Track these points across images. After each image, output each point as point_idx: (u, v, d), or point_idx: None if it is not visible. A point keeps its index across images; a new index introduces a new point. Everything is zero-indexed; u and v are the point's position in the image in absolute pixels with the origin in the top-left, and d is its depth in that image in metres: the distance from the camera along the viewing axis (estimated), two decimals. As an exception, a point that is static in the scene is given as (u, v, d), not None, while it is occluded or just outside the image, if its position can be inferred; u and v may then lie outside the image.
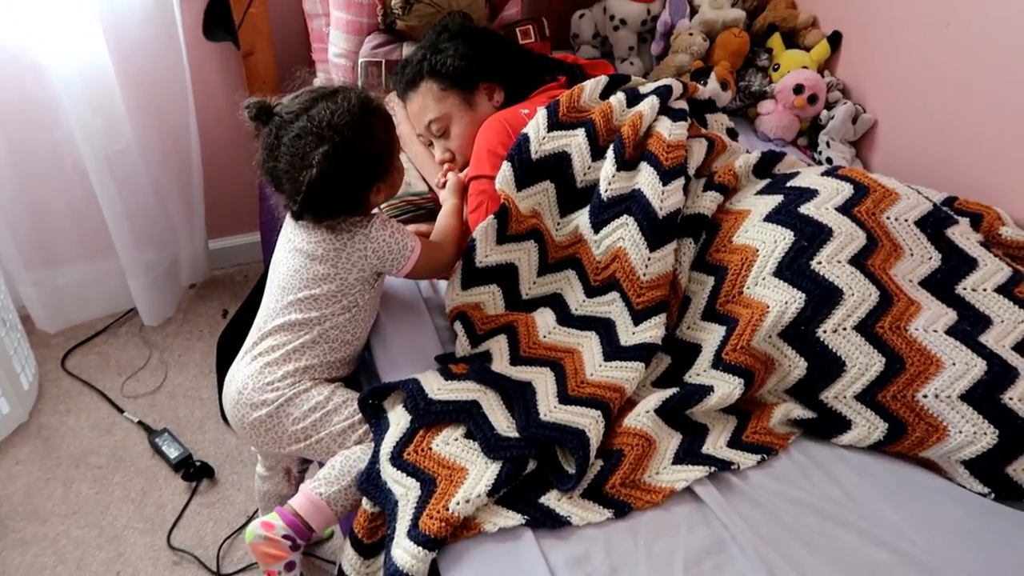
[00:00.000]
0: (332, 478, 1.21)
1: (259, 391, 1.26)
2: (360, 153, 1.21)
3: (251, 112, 1.23)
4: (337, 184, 1.19)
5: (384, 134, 1.26)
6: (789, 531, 1.09)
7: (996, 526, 1.12)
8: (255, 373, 1.27)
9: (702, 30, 2.00)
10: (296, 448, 1.27)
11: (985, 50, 1.56)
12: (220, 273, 2.38)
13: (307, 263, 1.27)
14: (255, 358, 1.28)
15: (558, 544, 1.07)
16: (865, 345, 1.20)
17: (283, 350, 1.27)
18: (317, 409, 1.25)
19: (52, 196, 1.93)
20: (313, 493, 1.20)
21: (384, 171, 1.27)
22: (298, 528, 1.19)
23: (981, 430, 1.15)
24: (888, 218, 1.33)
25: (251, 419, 1.26)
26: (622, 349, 1.29)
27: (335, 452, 1.25)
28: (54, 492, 1.78)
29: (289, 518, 1.19)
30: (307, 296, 1.27)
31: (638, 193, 1.34)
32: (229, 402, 1.31)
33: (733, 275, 1.29)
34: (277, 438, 1.27)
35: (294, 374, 1.26)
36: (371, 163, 1.24)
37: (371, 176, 1.25)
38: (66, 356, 2.08)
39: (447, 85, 1.56)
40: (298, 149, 1.18)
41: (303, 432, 1.25)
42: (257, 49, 1.90)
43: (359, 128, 1.20)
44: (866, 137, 1.90)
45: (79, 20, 1.71)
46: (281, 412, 1.25)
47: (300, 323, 1.27)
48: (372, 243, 1.26)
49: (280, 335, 1.28)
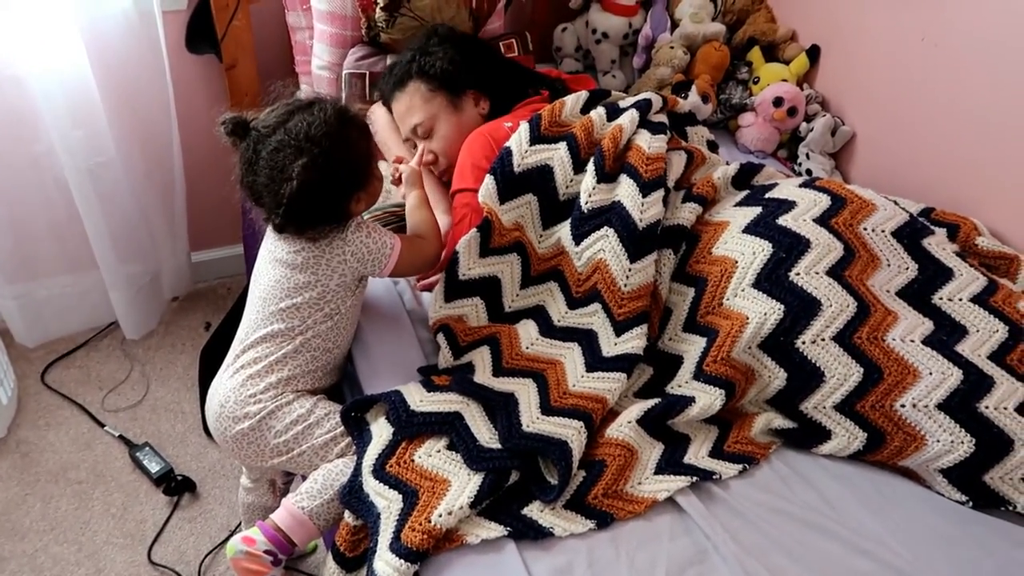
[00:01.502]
0: (314, 492, 1.20)
1: (241, 404, 1.25)
2: (339, 163, 1.21)
3: (227, 128, 1.23)
4: (317, 195, 1.20)
5: (362, 143, 1.27)
6: (771, 540, 1.10)
7: (974, 533, 1.13)
8: (237, 386, 1.27)
9: (683, 44, 2.02)
10: (278, 461, 1.27)
11: (960, 62, 1.59)
12: (203, 286, 2.37)
13: (288, 273, 1.27)
14: (237, 371, 1.28)
15: (541, 555, 1.07)
16: (844, 356, 1.22)
17: (265, 362, 1.27)
18: (299, 422, 1.25)
19: (33, 209, 1.92)
20: (295, 507, 1.20)
21: (363, 180, 1.27)
22: (280, 543, 1.18)
23: (958, 439, 1.16)
24: (865, 229, 1.35)
25: (233, 432, 1.26)
26: (604, 360, 1.30)
27: (317, 465, 1.24)
28: (32, 508, 1.75)
29: (271, 533, 1.18)
30: (288, 306, 1.26)
31: (618, 205, 1.35)
32: (212, 415, 1.30)
33: (713, 287, 1.30)
34: (259, 451, 1.26)
35: (276, 386, 1.26)
36: (350, 173, 1.24)
37: (351, 185, 1.25)
38: (46, 370, 2.06)
39: (435, 87, 1.57)
40: (277, 162, 1.18)
41: (285, 445, 1.25)
42: (240, 62, 1.90)
43: (337, 138, 1.20)
44: (845, 149, 1.92)
45: (60, 32, 1.70)
46: (263, 425, 1.25)
47: (282, 333, 1.27)
48: (350, 246, 1.25)
49: (262, 346, 1.28)
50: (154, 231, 2.09)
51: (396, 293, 1.50)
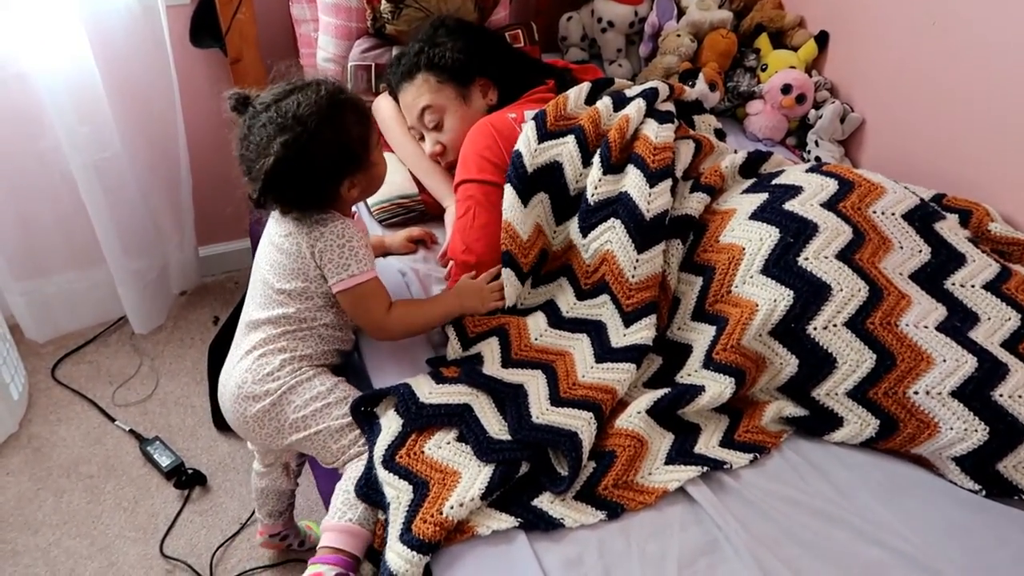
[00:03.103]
0: (352, 501, 1.18)
1: (260, 382, 1.25)
2: (325, 144, 1.18)
3: (231, 103, 1.24)
4: (297, 174, 1.18)
5: (357, 128, 1.23)
6: (782, 530, 1.10)
7: (987, 522, 1.13)
8: (252, 366, 1.26)
9: (689, 31, 2.00)
10: (296, 438, 1.26)
11: (971, 48, 1.57)
12: (210, 280, 2.37)
13: (280, 258, 1.27)
14: (247, 353, 1.28)
15: (551, 546, 1.07)
16: (856, 341, 1.21)
17: (276, 342, 1.27)
18: (318, 399, 1.25)
19: (40, 205, 1.93)
20: (340, 523, 1.17)
21: (356, 165, 1.24)
22: (344, 563, 1.15)
23: (972, 427, 1.15)
24: (875, 212, 1.34)
25: (253, 412, 1.26)
26: (613, 351, 1.29)
27: (332, 450, 1.24)
28: (45, 502, 1.76)
29: (330, 559, 1.15)
30: (287, 289, 1.26)
31: (625, 196, 1.34)
32: (228, 399, 1.29)
33: (721, 274, 1.29)
34: (279, 428, 1.26)
35: (292, 362, 1.26)
36: (337, 155, 1.21)
37: (339, 169, 1.22)
38: (56, 365, 2.07)
39: (444, 78, 1.56)
40: (262, 138, 1.18)
41: (303, 421, 1.25)
42: (245, 55, 1.89)
43: (325, 119, 1.18)
44: (854, 136, 1.91)
45: (64, 28, 1.70)
46: (283, 400, 1.25)
47: (287, 317, 1.27)
48: (319, 242, 1.23)
49: (267, 328, 1.28)
50: (161, 226, 2.10)
51: (404, 283, 1.50)
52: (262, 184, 1.17)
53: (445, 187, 1.59)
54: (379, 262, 1.53)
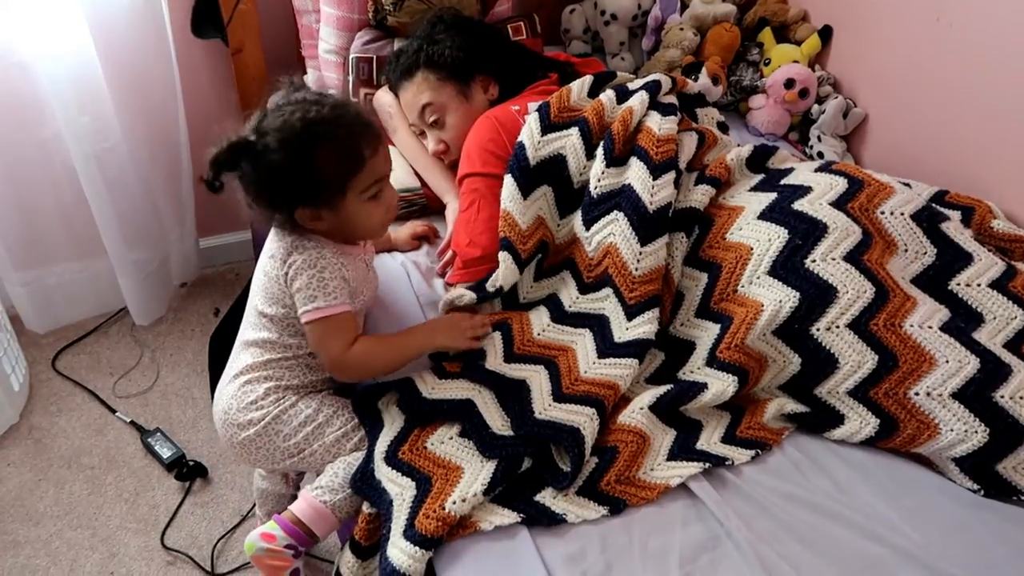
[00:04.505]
0: (336, 486, 1.19)
1: (244, 411, 1.24)
2: (273, 164, 1.12)
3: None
4: (252, 184, 1.15)
5: (328, 164, 1.13)
6: (783, 526, 1.10)
7: (987, 520, 1.13)
8: (236, 392, 1.25)
9: (693, 25, 2.00)
10: (290, 463, 1.25)
11: (975, 44, 1.57)
12: (211, 271, 2.37)
13: (263, 278, 1.24)
14: (235, 377, 1.26)
15: (554, 541, 1.08)
16: (858, 343, 1.21)
17: (260, 370, 1.25)
18: (308, 423, 1.23)
19: (40, 195, 1.92)
20: (316, 500, 1.19)
21: (314, 198, 1.15)
22: (299, 536, 1.18)
23: (972, 428, 1.15)
24: (883, 213, 1.33)
25: (240, 439, 1.25)
26: (616, 346, 1.29)
27: (330, 461, 1.23)
28: (46, 493, 1.77)
29: (289, 527, 1.18)
30: (265, 313, 1.23)
31: (628, 188, 1.34)
32: (218, 422, 1.29)
33: (728, 273, 1.29)
34: (270, 455, 1.25)
35: (276, 391, 1.24)
36: (289, 180, 1.13)
37: (290, 194, 1.15)
38: (57, 356, 2.07)
39: (444, 76, 1.55)
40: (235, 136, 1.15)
41: (296, 447, 1.24)
42: (246, 46, 1.89)
43: (286, 141, 1.12)
44: (857, 131, 1.90)
45: (65, 17, 1.69)
46: (270, 429, 1.23)
47: (271, 343, 1.24)
48: (291, 269, 1.18)
49: (254, 351, 1.26)
50: (162, 217, 2.09)
51: (405, 275, 1.49)
52: (210, 168, 1.14)
53: (446, 183, 1.58)
54: (382, 257, 1.53)
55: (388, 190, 1.23)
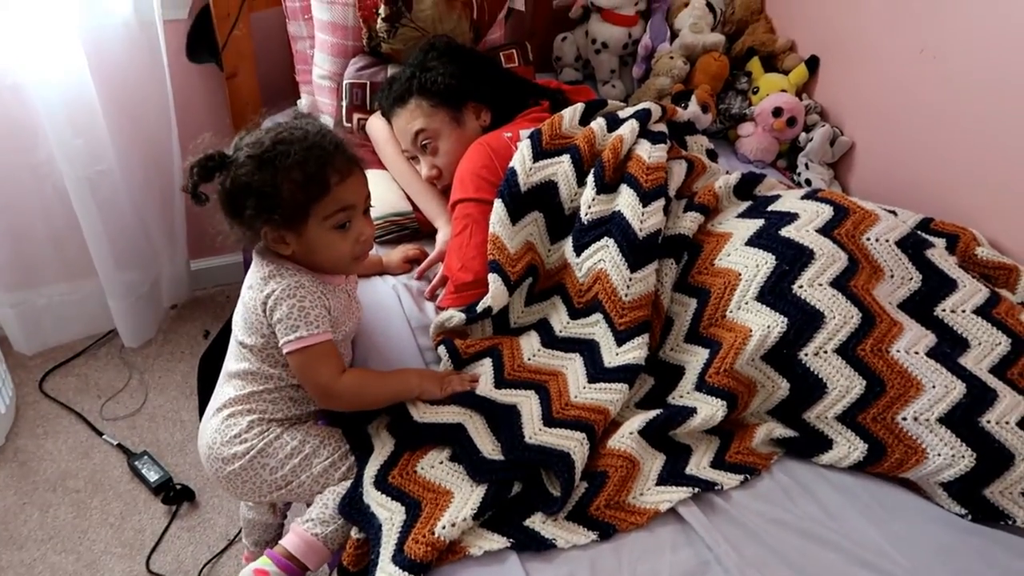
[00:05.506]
0: (327, 517, 1.18)
1: (228, 444, 1.22)
2: (239, 180, 1.13)
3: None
4: (226, 197, 1.16)
5: (294, 190, 1.12)
6: (772, 551, 1.10)
7: (975, 544, 1.13)
8: (219, 426, 1.24)
9: (682, 54, 2.03)
10: (278, 495, 1.24)
11: (958, 74, 1.60)
12: (202, 294, 2.37)
13: (242, 308, 1.23)
14: (218, 410, 1.25)
15: (543, 567, 1.07)
16: (846, 368, 1.22)
17: (244, 403, 1.24)
18: (295, 455, 1.22)
19: (32, 217, 1.92)
20: (308, 534, 1.18)
21: (277, 219, 1.14)
22: (292, 570, 1.17)
23: (959, 453, 1.16)
24: (868, 239, 1.35)
25: (226, 473, 1.23)
26: (606, 371, 1.30)
27: (318, 492, 1.22)
28: (31, 517, 1.75)
29: (282, 562, 1.16)
30: (244, 343, 1.22)
31: (618, 215, 1.35)
32: (203, 456, 1.27)
33: (716, 299, 1.30)
34: (256, 488, 1.23)
35: (260, 424, 1.23)
36: (250, 196, 1.13)
37: (256, 213, 1.14)
38: (44, 378, 2.06)
39: (436, 103, 1.57)
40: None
41: (283, 479, 1.22)
42: (241, 71, 1.90)
43: (254, 157, 1.13)
44: (844, 159, 1.93)
45: (60, 41, 1.70)
46: (256, 463, 1.22)
47: (252, 374, 1.23)
48: (270, 299, 1.16)
49: (237, 382, 1.25)
50: (153, 239, 2.09)
51: (396, 299, 1.50)
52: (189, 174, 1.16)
53: (438, 208, 1.59)
54: (373, 280, 1.53)
55: (359, 223, 1.20)
